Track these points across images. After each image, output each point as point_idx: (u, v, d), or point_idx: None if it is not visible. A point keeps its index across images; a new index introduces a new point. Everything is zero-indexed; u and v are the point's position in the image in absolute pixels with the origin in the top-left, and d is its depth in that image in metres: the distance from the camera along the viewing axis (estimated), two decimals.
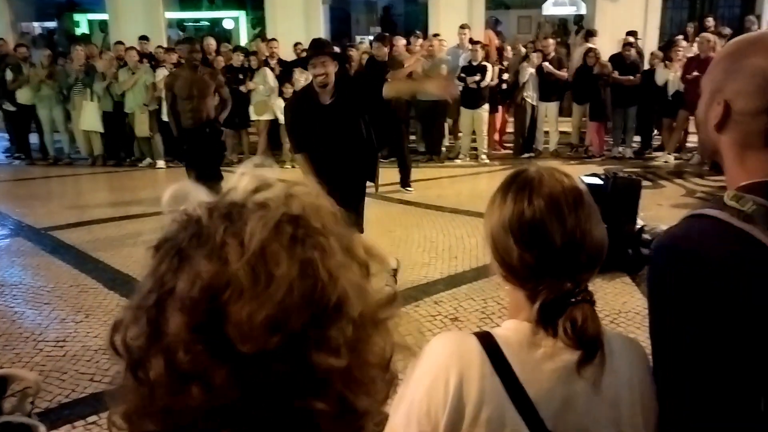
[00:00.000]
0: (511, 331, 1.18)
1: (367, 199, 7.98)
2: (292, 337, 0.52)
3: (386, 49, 8.78)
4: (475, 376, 1.12)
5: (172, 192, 0.59)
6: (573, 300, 1.11)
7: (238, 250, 0.52)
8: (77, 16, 17.17)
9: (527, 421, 1.11)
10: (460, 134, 10.56)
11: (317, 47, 4.61)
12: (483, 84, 9.69)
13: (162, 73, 10.01)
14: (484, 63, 9.78)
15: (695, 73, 8.92)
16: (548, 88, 10.17)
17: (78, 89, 10.42)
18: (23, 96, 10.75)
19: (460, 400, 1.11)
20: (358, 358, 0.55)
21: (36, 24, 16.95)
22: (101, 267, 5.61)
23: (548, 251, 1.13)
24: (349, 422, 0.56)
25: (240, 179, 0.58)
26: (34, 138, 11.31)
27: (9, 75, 10.71)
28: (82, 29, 16.92)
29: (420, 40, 10.67)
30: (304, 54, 10.18)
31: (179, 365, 0.51)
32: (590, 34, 10.79)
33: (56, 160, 11.02)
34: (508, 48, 10.99)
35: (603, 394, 1.15)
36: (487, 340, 1.16)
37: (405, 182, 8.63)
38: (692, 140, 10.06)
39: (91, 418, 3.33)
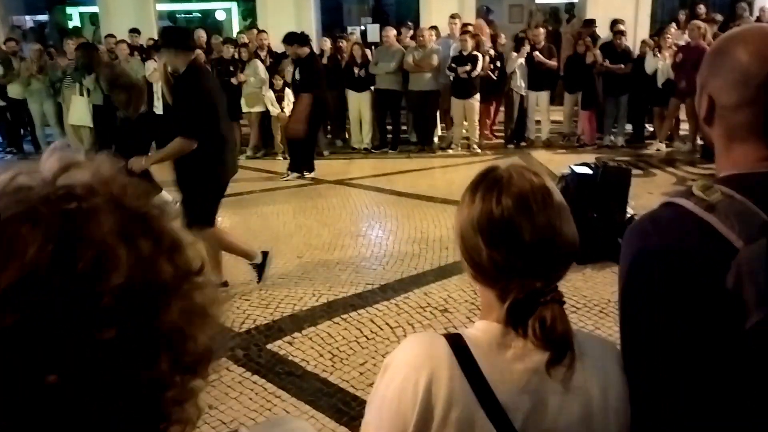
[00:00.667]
0: (480, 331, 1.18)
1: (357, 189, 8.10)
2: (33, 312, 0.52)
3: (299, 48, 8.32)
4: (444, 377, 1.12)
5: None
6: (542, 300, 1.11)
7: None
8: (69, 9, 17.05)
9: (495, 423, 1.11)
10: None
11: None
12: (474, 74, 9.68)
13: (152, 65, 9.98)
14: (475, 53, 9.77)
15: (680, 55, 8.94)
16: (539, 77, 10.16)
17: (68, 83, 10.36)
18: (14, 90, 10.71)
19: (429, 402, 1.12)
20: (136, 330, 0.55)
21: (28, 17, 16.83)
22: None
23: (517, 250, 1.13)
24: (126, 399, 0.56)
25: (46, 160, 0.59)
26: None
27: None
28: (74, 22, 16.82)
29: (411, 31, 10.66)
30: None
31: None
32: (589, 23, 10.70)
33: None
34: (502, 36, 10.98)
35: (573, 395, 1.15)
36: (456, 342, 1.16)
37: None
38: (684, 128, 10.08)
39: None
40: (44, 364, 0.52)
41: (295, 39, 8.33)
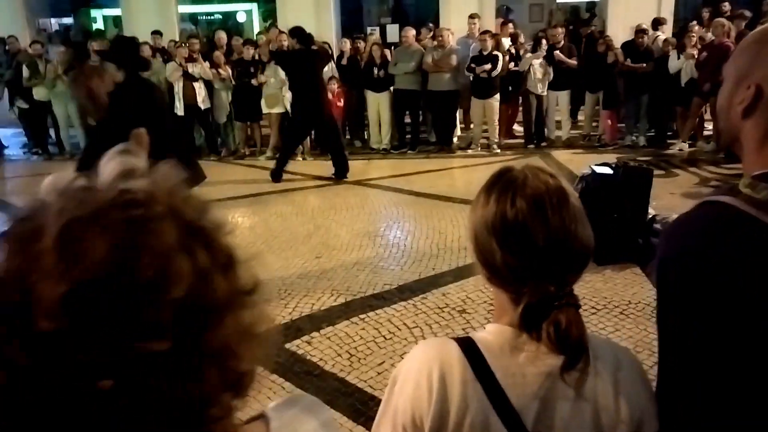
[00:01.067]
0: (492, 335, 1.17)
1: (375, 189, 8.10)
2: (94, 316, 0.52)
3: (296, 44, 8.54)
4: (456, 382, 1.11)
5: (52, 179, 0.59)
6: (557, 303, 1.09)
7: (51, 231, 0.53)
8: (93, 12, 17.29)
9: (509, 428, 1.10)
10: (471, 124, 10.54)
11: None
12: (494, 74, 9.64)
13: (172, 67, 10.09)
14: (495, 52, 9.73)
15: (704, 54, 8.80)
16: (559, 76, 10.08)
17: None
18: (39, 92, 10.89)
19: (443, 406, 1.11)
20: (188, 344, 0.55)
21: (53, 20, 17.08)
22: None
23: (531, 253, 1.11)
24: (173, 411, 0.56)
25: (107, 163, 0.59)
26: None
27: (26, 72, 10.85)
28: (98, 25, 17.05)
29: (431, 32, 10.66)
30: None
31: None
32: (587, 22, 10.68)
33: (72, 155, 11.14)
34: (521, 35, 10.92)
35: (586, 400, 1.13)
36: (467, 345, 1.15)
37: (339, 174, 8.69)
38: (708, 128, 9.95)
39: None
40: (97, 369, 0.52)
41: (296, 34, 8.46)
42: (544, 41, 10.09)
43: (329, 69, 10.23)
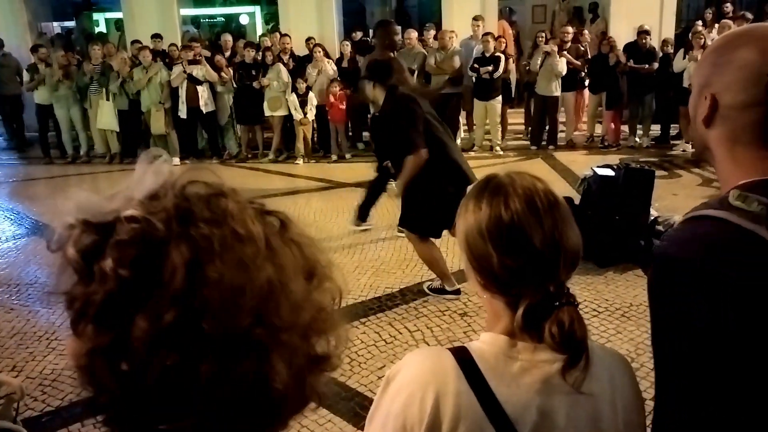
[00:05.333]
0: (487, 344, 1.16)
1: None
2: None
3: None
4: (450, 392, 1.10)
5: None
6: (557, 303, 1.09)
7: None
8: (95, 15, 17.34)
9: None
10: (474, 126, 10.51)
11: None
12: (496, 75, 9.61)
13: (177, 70, 10.08)
14: (498, 54, 9.70)
15: None
16: (564, 77, 10.02)
17: (94, 88, 10.52)
18: (41, 96, 10.88)
19: (436, 417, 1.10)
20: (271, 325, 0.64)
21: (55, 24, 17.12)
22: None
23: (529, 254, 1.11)
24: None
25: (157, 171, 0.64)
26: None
27: (26, 75, 10.86)
28: (100, 28, 17.09)
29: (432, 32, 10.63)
30: (318, 49, 10.24)
31: None
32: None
33: (74, 158, 11.15)
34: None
35: (582, 406, 1.13)
36: (462, 355, 1.14)
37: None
38: None
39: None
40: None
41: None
42: (545, 42, 10.05)
43: (332, 72, 10.21)
